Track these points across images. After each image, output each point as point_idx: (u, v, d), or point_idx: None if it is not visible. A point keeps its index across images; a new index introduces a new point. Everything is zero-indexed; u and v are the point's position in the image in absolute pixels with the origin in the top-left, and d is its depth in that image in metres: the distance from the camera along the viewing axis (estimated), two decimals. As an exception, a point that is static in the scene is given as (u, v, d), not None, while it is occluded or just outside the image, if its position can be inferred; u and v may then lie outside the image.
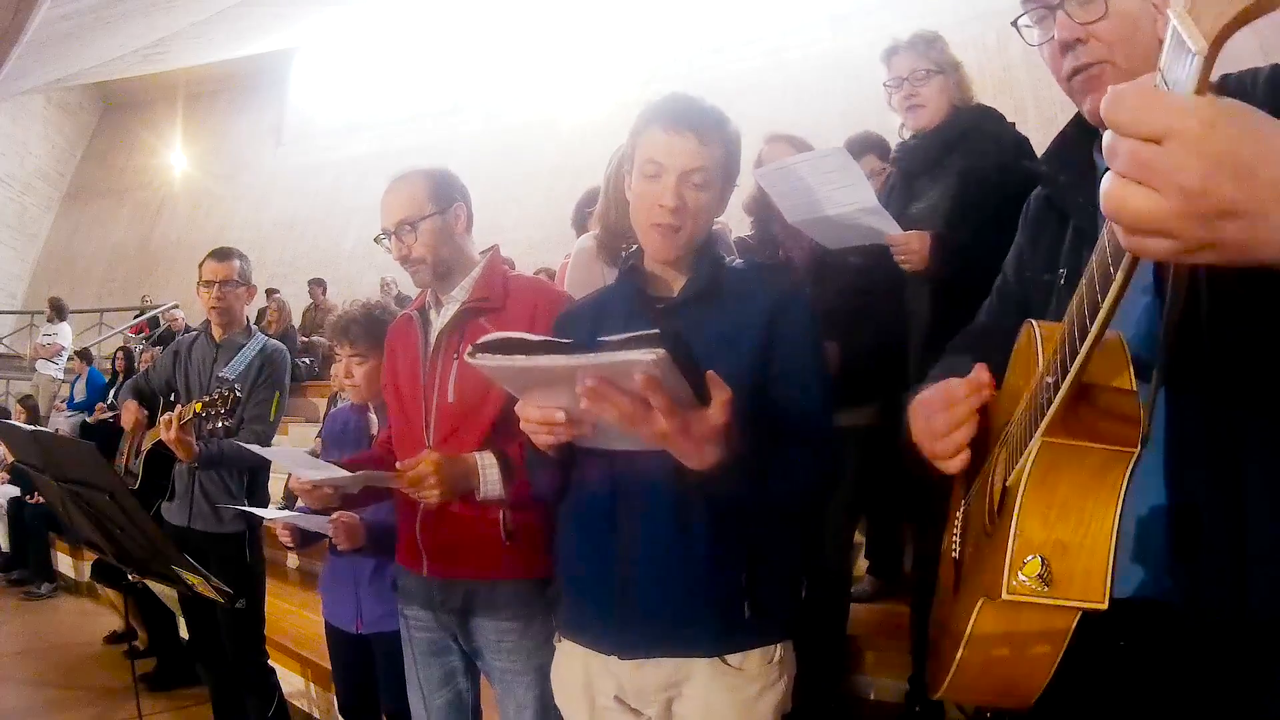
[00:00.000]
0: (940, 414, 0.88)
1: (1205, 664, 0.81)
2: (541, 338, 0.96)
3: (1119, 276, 0.60)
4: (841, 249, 2.14)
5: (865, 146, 3.00)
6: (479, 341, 0.95)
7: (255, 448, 1.88)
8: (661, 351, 0.84)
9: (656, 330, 0.86)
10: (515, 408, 1.07)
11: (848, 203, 1.88)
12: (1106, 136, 0.52)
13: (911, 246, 1.93)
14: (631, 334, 0.86)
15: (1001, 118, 2.15)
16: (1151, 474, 0.80)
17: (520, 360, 0.92)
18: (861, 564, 2.96)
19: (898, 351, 2.16)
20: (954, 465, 0.88)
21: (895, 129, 2.71)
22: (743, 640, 1.21)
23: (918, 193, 2.15)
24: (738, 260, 1.35)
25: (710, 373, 0.95)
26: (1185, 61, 0.49)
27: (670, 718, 1.25)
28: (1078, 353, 0.67)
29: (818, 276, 2.16)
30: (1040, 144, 2.03)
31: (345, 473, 1.58)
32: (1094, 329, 0.64)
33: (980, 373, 0.88)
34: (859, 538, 2.79)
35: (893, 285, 2.15)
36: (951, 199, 2.03)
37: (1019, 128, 2.20)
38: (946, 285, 1.92)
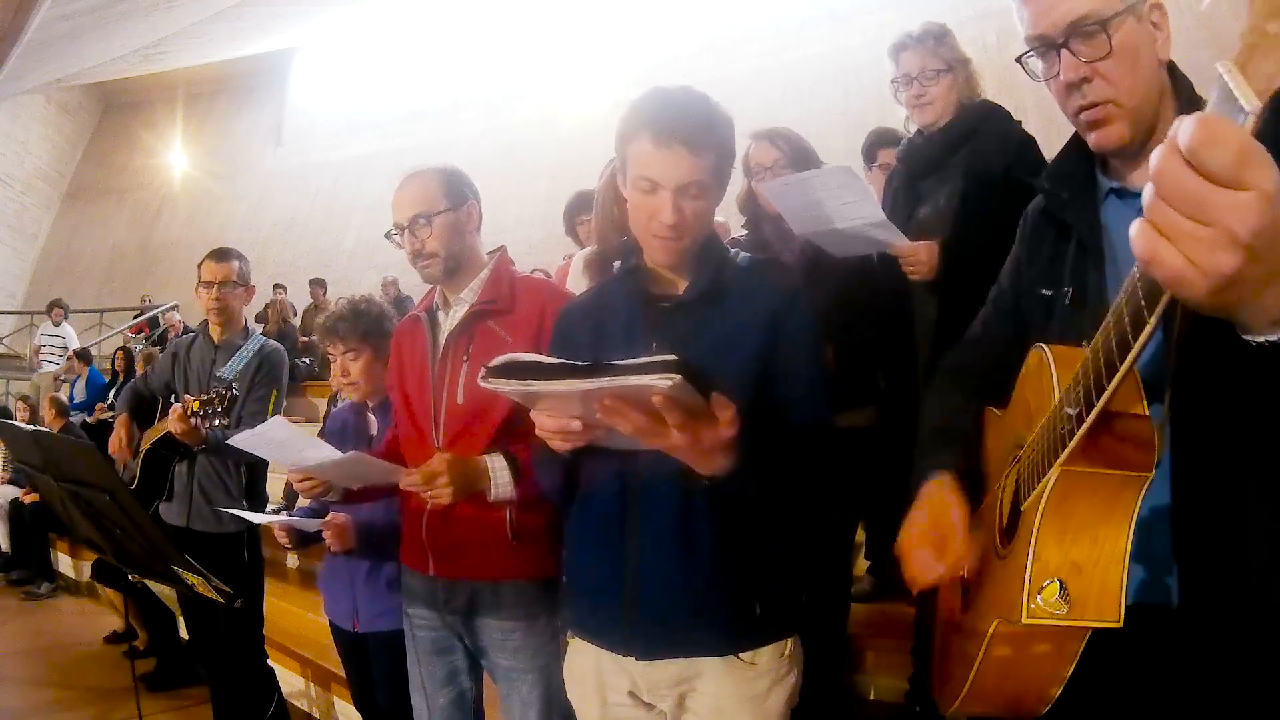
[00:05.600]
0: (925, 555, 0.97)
1: (1206, 668, 0.81)
2: (553, 360, 0.97)
3: (1152, 318, 0.60)
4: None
5: (883, 141, 2.98)
6: (489, 365, 0.96)
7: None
8: (678, 377, 0.84)
9: (674, 357, 0.86)
10: (530, 415, 1.07)
11: (855, 217, 1.87)
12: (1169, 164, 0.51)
13: (920, 257, 1.91)
14: (647, 359, 0.86)
15: (1008, 115, 2.11)
16: (1156, 484, 0.80)
17: (533, 385, 0.94)
18: (862, 564, 2.96)
19: (897, 352, 2.16)
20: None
21: (896, 129, 2.70)
22: (755, 637, 1.22)
23: (923, 195, 2.12)
24: (742, 255, 1.33)
25: (716, 394, 0.94)
26: (1235, 116, 0.49)
27: (683, 712, 1.25)
28: (1104, 388, 0.67)
29: (812, 277, 2.14)
30: (1042, 144, 2.03)
31: (339, 454, 1.58)
32: (1123, 367, 0.65)
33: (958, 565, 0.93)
34: (859, 537, 2.79)
35: (891, 285, 2.14)
36: (958, 202, 2.00)
37: (1020, 128, 2.18)
38: (951, 289, 1.91)
